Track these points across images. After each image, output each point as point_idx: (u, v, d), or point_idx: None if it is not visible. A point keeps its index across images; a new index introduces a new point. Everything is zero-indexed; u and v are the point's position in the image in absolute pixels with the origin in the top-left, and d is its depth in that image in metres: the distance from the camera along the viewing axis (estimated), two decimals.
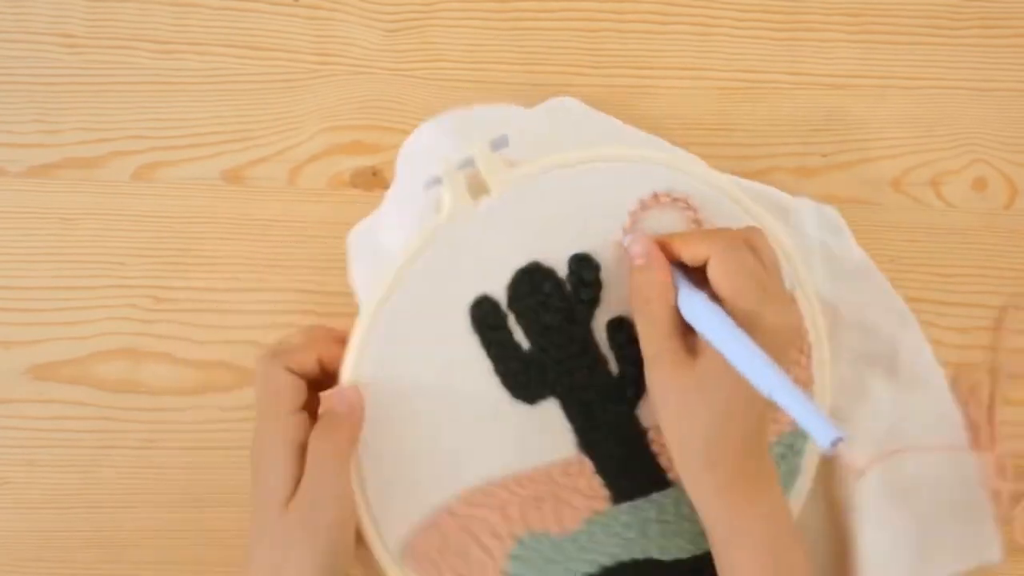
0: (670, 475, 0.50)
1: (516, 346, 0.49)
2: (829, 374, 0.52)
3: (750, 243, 0.46)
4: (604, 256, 0.49)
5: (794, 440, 0.52)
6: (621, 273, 0.49)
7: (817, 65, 0.59)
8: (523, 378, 0.49)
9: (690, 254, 0.46)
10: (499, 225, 0.49)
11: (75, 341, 0.55)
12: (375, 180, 0.57)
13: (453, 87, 0.57)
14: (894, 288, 0.57)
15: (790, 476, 0.52)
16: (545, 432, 0.50)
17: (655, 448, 0.50)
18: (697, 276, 0.46)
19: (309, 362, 0.46)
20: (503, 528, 0.50)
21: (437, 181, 0.49)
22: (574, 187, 0.49)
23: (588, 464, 0.50)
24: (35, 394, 0.55)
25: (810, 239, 0.55)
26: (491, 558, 0.50)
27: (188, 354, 0.55)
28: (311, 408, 0.46)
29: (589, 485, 0.50)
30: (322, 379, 0.47)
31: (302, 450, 0.44)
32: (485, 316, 0.49)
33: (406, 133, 0.56)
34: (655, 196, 0.49)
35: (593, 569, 0.50)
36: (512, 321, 0.49)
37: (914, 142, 0.59)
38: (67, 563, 0.54)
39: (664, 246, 0.47)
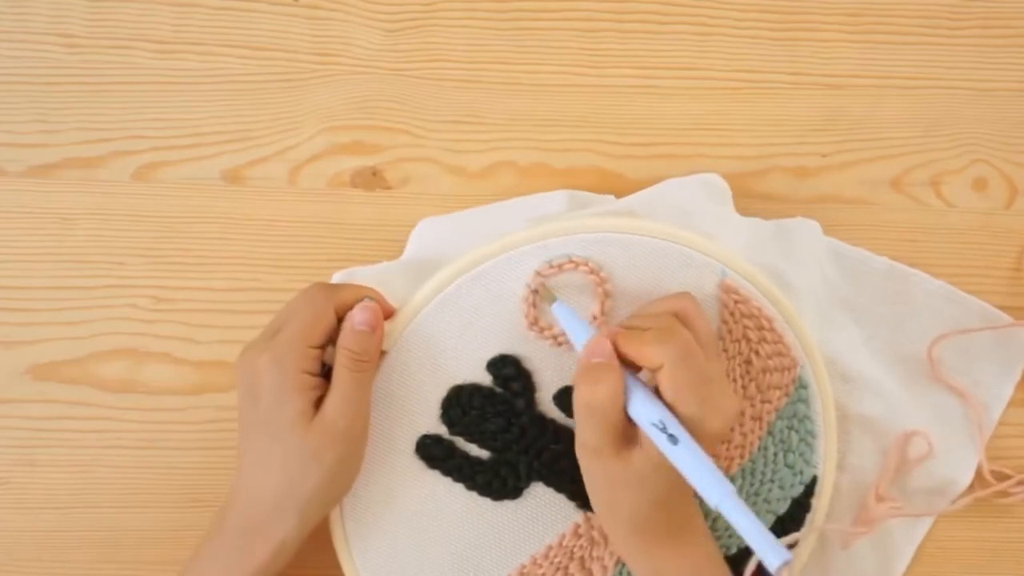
0: None
1: (477, 461, 0.51)
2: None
3: (685, 319, 0.46)
4: (518, 349, 0.50)
5: (795, 409, 0.52)
6: (543, 354, 0.50)
7: (817, 65, 0.59)
8: (497, 483, 0.51)
9: (646, 361, 0.45)
10: (412, 365, 0.50)
11: (75, 341, 0.55)
12: (375, 180, 0.57)
13: (453, 87, 0.57)
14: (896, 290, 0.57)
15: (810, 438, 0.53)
16: (542, 512, 0.51)
17: None
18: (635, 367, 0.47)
19: (348, 308, 0.48)
20: None
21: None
22: (463, 300, 0.50)
23: (593, 517, 0.51)
24: (35, 394, 0.55)
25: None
26: None
27: (188, 354, 0.55)
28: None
29: (603, 535, 0.51)
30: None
31: (317, 376, 0.47)
32: (432, 453, 0.50)
33: (406, 133, 0.56)
34: (550, 265, 0.50)
35: None
36: (462, 443, 0.50)
37: (914, 142, 0.59)
38: (67, 563, 0.54)
39: (616, 344, 0.46)
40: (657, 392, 0.45)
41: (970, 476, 0.56)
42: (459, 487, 0.51)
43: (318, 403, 0.46)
